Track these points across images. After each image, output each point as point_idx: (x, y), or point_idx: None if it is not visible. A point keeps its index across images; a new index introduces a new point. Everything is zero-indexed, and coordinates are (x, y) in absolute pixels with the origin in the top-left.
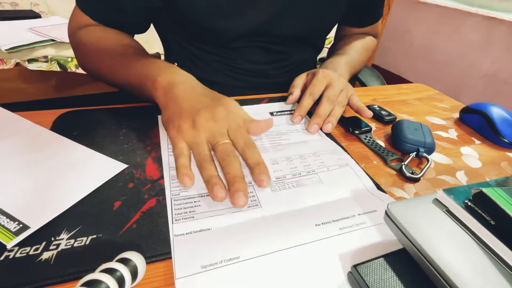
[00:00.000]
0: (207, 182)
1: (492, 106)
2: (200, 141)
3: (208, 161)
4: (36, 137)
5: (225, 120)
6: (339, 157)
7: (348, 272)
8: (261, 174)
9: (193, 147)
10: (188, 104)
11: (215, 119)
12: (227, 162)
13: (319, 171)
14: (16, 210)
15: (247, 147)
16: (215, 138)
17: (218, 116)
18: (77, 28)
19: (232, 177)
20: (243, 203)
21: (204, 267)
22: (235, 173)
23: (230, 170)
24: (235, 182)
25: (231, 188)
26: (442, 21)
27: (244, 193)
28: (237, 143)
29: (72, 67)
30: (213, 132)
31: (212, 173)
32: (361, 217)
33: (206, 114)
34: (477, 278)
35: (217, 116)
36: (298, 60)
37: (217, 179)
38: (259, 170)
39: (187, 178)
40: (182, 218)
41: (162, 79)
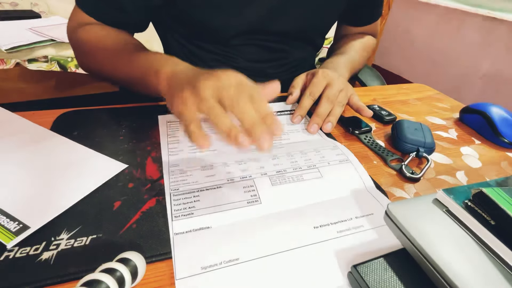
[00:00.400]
0: (228, 134)
1: (492, 106)
2: (204, 98)
3: (220, 111)
4: (36, 137)
5: (227, 77)
6: (339, 152)
7: (348, 272)
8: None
9: (199, 106)
10: (189, 79)
11: (216, 76)
12: (240, 109)
13: (320, 165)
14: (16, 210)
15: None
16: (219, 90)
17: (219, 74)
18: (77, 27)
19: (250, 123)
20: (269, 144)
21: (204, 268)
22: (251, 118)
23: (245, 116)
24: (255, 127)
25: (253, 134)
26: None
27: (268, 134)
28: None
29: (72, 67)
30: (216, 87)
31: (229, 123)
32: (359, 220)
33: (206, 76)
34: (477, 278)
35: (218, 74)
36: (297, 58)
37: (236, 129)
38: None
39: (202, 139)
40: (181, 215)
41: (165, 69)
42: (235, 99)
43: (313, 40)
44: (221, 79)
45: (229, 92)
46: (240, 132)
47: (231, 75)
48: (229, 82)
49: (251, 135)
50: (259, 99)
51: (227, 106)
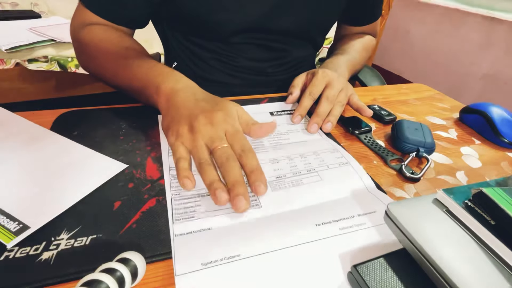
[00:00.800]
0: (209, 186)
1: (492, 106)
2: (199, 145)
3: (208, 165)
4: (36, 137)
5: (223, 124)
6: (339, 155)
7: (348, 272)
8: (256, 181)
9: (192, 151)
10: (187, 110)
11: (213, 123)
12: (226, 167)
13: (320, 169)
14: (16, 210)
15: (243, 153)
16: (213, 142)
17: (216, 120)
18: (80, 27)
19: (232, 183)
20: (244, 207)
21: (204, 265)
22: (235, 178)
23: (230, 175)
24: (235, 187)
25: (232, 193)
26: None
27: (245, 196)
28: (233, 147)
29: (72, 67)
30: (211, 137)
31: (214, 177)
32: (361, 218)
33: (203, 119)
34: (477, 278)
35: (215, 120)
36: (297, 58)
37: (218, 183)
38: (255, 177)
39: (188, 181)
40: (182, 218)
41: (165, 86)
42: (225, 158)
43: (314, 39)
44: (217, 127)
45: (221, 147)
46: (220, 188)
47: (228, 120)
48: (225, 130)
49: (230, 193)
50: (249, 150)
51: (217, 161)
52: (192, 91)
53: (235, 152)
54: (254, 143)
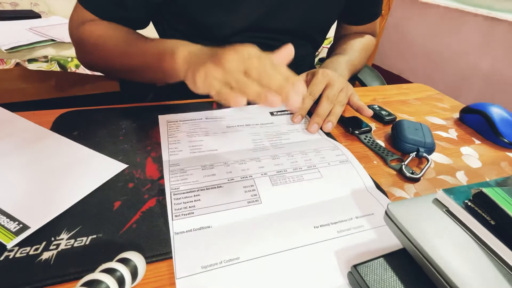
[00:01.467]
0: (258, 96)
1: (492, 106)
2: (230, 69)
3: (247, 81)
4: (36, 137)
5: (246, 49)
6: (340, 153)
7: (348, 272)
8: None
9: (227, 78)
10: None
11: (236, 50)
12: (266, 76)
13: (320, 166)
14: (16, 210)
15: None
16: (243, 62)
17: (238, 48)
18: (79, 24)
19: (278, 86)
20: (298, 102)
21: (204, 268)
22: (279, 81)
23: (273, 81)
24: (283, 87)
25: (283, 93)
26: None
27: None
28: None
29: (72, 67)
30: (238, 59)
31: (258, 88)
32: (359, 220)
33: (225, 51)
34: (477, 278)
35: (237, 48)
36: (297, 56)
37: (266, 91)
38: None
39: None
40: (182, 214)
41: (181, 50)
42: (261, 68)
43: (313, 39)
44: (241, 53)
45: (253, 63)
46: (270, 93)
47: (249, 48)
48: (249, 54)
49: (281, 94)
50: (279, 65)
51: (253, 75)
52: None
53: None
54: (254, 143)
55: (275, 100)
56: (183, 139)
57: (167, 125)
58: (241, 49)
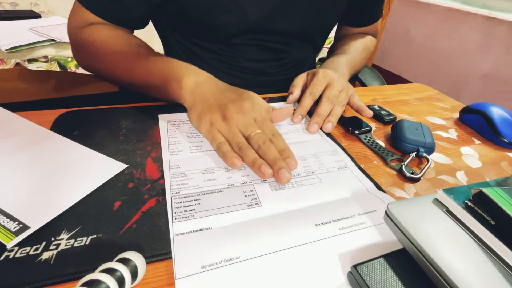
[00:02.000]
0: (253, 163)
1: (492, 106)
2: (234, 131)
3: (248, 147)
4: (36, 137)
5: (252, 112)
6: (339, 159)
7: (348, 272)
8: (288, 158)
9: (229, 138)
10: (215, 100)
11: (243, 112)
12: (264, 149)
13: (319, 172)
14: (16, 210)
15: (273, 137)
16: (247, 129)
17: (245, 109)
18: (79, 27)
19: (273, 159)
20: (288, 178)
21: (204, 267)
22: (274, 155)
23: (269, 154)
24: (277, 162)
25: (275, 167)
26: (442, 21)
27: (287, 170)
28: (264, 133)
29: (72, 67)
30: (244, 124)
31: (255, 156)
32: (361, 217)
33: (234, 108)
34: (477, 278)
35: (244, 109)
36: (298, 58)
37: (261, 160)
38: (287, 154)
39: (237, 159)
40: (182, 217)
41: (188, 79)
42: (262, 141)
43: (314, 40)
44: (248, 115)
45: (255, 133)
46: (264, 164)
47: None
48: (253, 116)
49: (273, 168)
50: (278, 134)
51: (254, 145)
52: (215, 82)
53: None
54: None
55: (267, 173)
56: (184, 139)
57: (167, 125)
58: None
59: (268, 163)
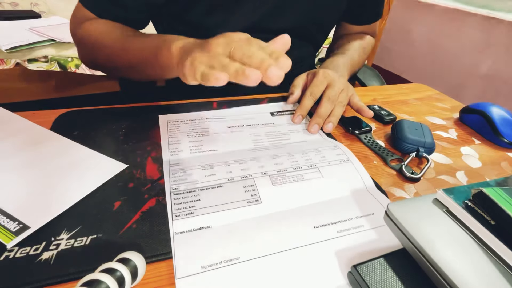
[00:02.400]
0: (236, 73)
1: (492, 106)
2: (214, 54)
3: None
4: (36, 137)
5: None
6: (340, 152)
7: (348, 272)
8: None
9: (211, 63)
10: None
11: (225, 36)
12: (248, 53)
13: (320, 165)
14: (16, 210)
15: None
16: (229, 45)
17: (227, 34)
18: (80, 23)
19: (259, 60)
20: (278, 76)
21: (204, 268)
22: (260, 56)
23: (254, 57)
24: (264, 61)
25: (262, 68)
26: (442, 21)
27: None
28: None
29: (72, 67)
30: (226, 42)
31: (237, 66)
32: (359, 220)
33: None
34: (477, 278)
35: (227, 34)
36: (297, 57)
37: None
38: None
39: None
40: (182, 214)
41: (177, 43)
42: (245, 48)
43: (314, 39)
44: (229, 36)
45: (238, 45)
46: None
47: (239, 34)
48: (238, 37)
49: (260, 69)
50: (267, 45)
51: (236, 56)
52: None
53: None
54: (255, 143)
55: (253, 75)
56: (183, 139)
57: (167, 125)
58: (230, 34)
59: (255, 67)
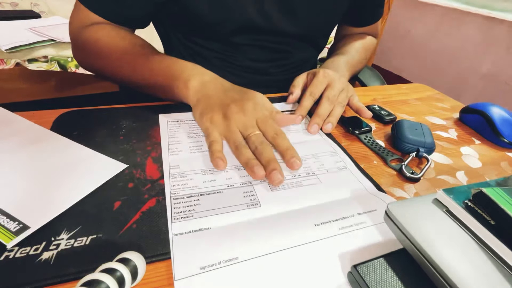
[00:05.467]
0: (246, 164)
1: (492, 106)
2: (233, 130)
3: (244, 146)
4: (36, 137)
5: (253, 112)
6: (338, 159)
7: (348, 272)
8: (293, 158)
9: (227, 136)
10: (219, 99)
11: (244, 112)
12: (260, 149)
13: (319, 173)
14: (16, 210)
15: (277, 135)
16: (247, 129)
17: (247, 109)
18: (81, 26)
19: (267, 160)
20: (280, 180)
21: (203, 268)
22: (269, 156)
23: (264, 155)
24: (270, 163)
25: (267, 169)
26: (442, 21)
27: (280, 172)
28: (267, 132)
29: (72, 67)
30: (244, 124)
31: (250, 156)
32: (361, 217)
33: (235, 107)
34: (477, 278)
35: (246, 109)
36: (300, 59)
37: (255, 161)
38: (291, 154)
39: (221, 161)
40: (181, 217)
41: (194, 79)
42: (258, 142)
43: (316, 41)
44: (249, 115)
45: (254, 134)
46: (257, 165)
47: (257, 108)
48: (256, 117)
49: (266, 169)
50: (282, 133)
51: (251, 146)
52: (220, 82)
53: (269, 136)
54: None
55: (260, 174)
56: (183, 139)
57: (168, 125)
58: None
59: (263, 164)
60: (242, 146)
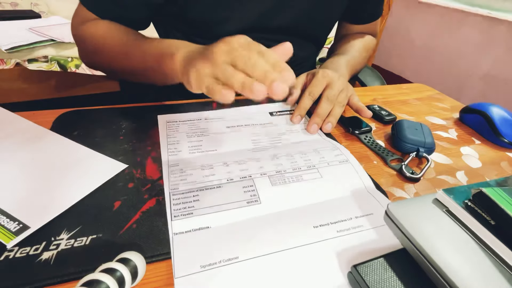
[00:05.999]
0: (243, 86)
1: (492, 106)
2: (217, 64)
3: (234, 71)
4: (36, 137)
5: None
6: (339, 153)
7: (348, 272)
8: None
9: (215, 73)
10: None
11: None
12: (250, 65)
13: (320, 166)
14: (16, 210)
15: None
16: (230, 53)
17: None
18: (81, 23)
19: (262, 74)
20: (283, 90)
21: (203, 267)
22: (263, 69)
23: (257, 69)
24: (267, 75)
25: (266, 82)
26: (442, 21)
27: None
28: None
29: (72, 67)
30: (227, 51)
31: (243, 77)
32: (358, 220)
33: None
34: (477, 278)
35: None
36: (300, 57)
37: (251, 79)
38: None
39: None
40: (181, 214)
41: (180, 51)
42: (246, 57)
43: (316, 38)
44: (230, 43)
45: (239, 53)
46: (254, 82)
47: (239, 38)
48: (239, 43)
49: (265, 83)
50: (267, 52)
51: (239, 66)
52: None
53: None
54: (254, 144)
55: (259, 90)
56: (183, 139)
57: (167, 125)
58: (230, 40)
59: (259, 80)
60: (231, 72)
